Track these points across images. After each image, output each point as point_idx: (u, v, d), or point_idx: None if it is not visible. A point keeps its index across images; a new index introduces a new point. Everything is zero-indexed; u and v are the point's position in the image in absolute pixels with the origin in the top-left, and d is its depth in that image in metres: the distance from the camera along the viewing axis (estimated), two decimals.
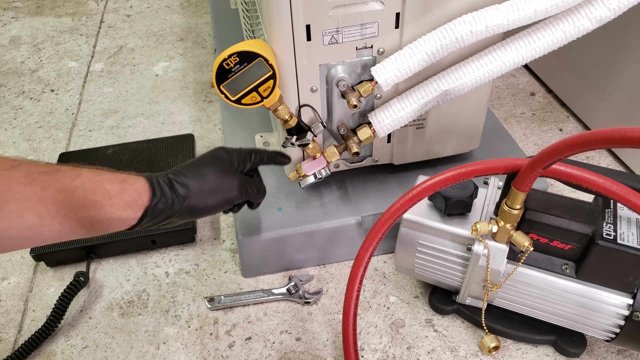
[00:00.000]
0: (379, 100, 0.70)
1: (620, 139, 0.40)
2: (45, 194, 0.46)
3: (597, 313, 0.60)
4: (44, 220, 0.45)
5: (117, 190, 0.49)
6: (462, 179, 0.57)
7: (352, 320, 0.63)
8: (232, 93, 0.62)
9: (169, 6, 1.54)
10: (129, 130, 1.10)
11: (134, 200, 0.50)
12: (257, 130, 0.90)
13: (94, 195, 0.48)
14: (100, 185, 0.48)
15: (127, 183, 0.51)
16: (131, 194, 0.50)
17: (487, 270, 0.62)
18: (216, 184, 0.57)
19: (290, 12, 0.59)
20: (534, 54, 0.62)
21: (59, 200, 0.46)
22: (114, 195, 0.49)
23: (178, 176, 0.55)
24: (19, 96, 1.21)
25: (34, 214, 0.45)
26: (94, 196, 0.48)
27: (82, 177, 0.48)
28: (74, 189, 0.47)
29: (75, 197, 0.47)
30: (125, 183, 0.50)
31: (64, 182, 0.47)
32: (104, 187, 0.49)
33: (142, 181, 0.52)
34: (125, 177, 0.51)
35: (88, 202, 0.47)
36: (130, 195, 0.50)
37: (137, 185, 0.51)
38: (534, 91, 1.15)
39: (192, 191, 0.55)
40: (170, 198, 0.53)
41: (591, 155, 0.98)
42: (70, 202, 0.47)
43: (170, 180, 0.54)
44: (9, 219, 0.44)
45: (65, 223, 0.47)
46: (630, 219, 0.59)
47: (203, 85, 1.22)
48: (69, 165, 0.49)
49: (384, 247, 0.82)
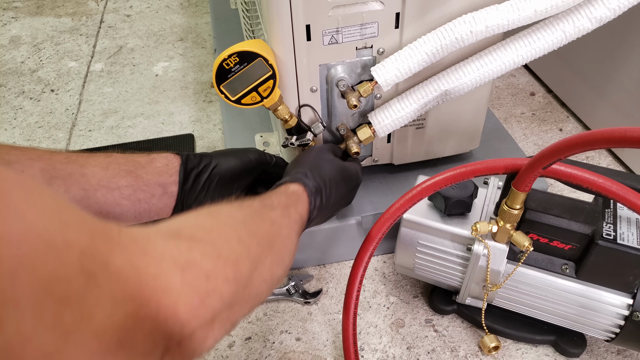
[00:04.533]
0: (379, 100, 0.70)
1: (620, 139, 0.40)
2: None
3: (597, 313, 0.60)
4: (89, 193, 0.51)
5: (147, 160, 0.56)
6: (462, 179, 0.58)
7: (352, 320, 0.63)
8: (232, 93, 0.62)
9: (169, 6, 1.54)
10: (129, 130, 1.10)
11: (165, 166, 0.56)
12: (257, 130, 0.90)
13: (127, 166, 0.54)
14: (131, 158, 0.55)
15: (155, 154, 0.57)
16: (161, 160, 0.56)
17: (487, 270, 0.62)
18: (228, 150, 0.65)
19: (290, 12, 0.59)
20: (534, 54, 0.62)
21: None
22: (145, 165, 0.55)
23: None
24: (19, 96, 1.21)
25: (78, 187, 0.50)
26: (128, 167, 0.54)
27: (114, 156, 0.54)
28: (108, 164, 0.53)
29: (111, 167, 0.53)
30: (153, 154, 0.57)
31: (99, 160, 0.53)
32: (135, 159, 0.55)
33: (169, 153, 0.58)
34: (153, 153, 0.58)
35: (123, 172, 0.53)
36: (160, 162, 0.56)
37: (165, 154, 0.58)
38: (534, 91, 1.15)
39: (214, 154, 0.62)
40: (199, 155, 0.60)
41: (591, 155, 0.98)
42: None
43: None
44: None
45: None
46: (630, 219, 0.59)
47: (203, 85, 1.22)
48: (98, 152, 0.55)
49: (384, 247, 0.82)
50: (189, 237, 0.34)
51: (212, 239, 0.36)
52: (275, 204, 0.49)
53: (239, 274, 0.36)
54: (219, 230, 0.38)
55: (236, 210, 0.43)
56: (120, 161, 0.54)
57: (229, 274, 0.35)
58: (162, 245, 0.31)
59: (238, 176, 0.61)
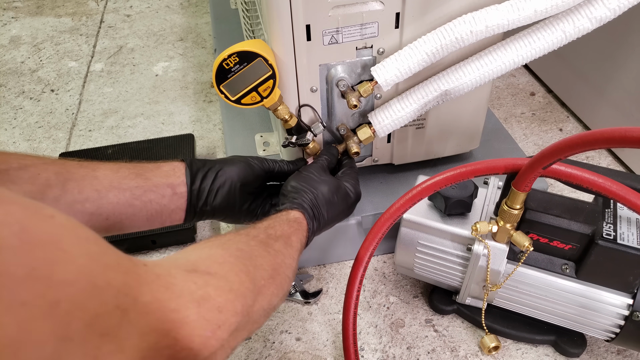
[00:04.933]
0: (379, 100, 0.70)
1: (620, 139, 0.40)
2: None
3: (597, 313, 0.60)
4: (101, 194, 0.53)
5: (154, 165, 0.58)
6: (462, 179, 0.58)
7: (352, 320, 0.63)
8: (232, 93, 0.62)
9: (169, 6, 1.54)
10: (129, 130, 1.10)
11: (172, 169, 0.59)
12: (257, 130, 0.90)
13: (136, 170, 0.56)
14: (138, 164, 0.58)
15: (160, 162, 0.60)
16: (167, 165, 0.59)
17: (487, 270, 0.62)
18: (230, 157, 0.67)
19: (290, 12, 0.59)
20: (534, 54, 0.62)
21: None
22: (153, 169, 0.58)
23: None
24: (19, 96, 1.21)
25: (91, 188, 0.52)
26: (137, 170, 0.56)
27: (123, 163, 0.57)
28: (118, 168, 0.56)
29: (121, 171, 0.56)
30: (160, 162, 0.60)
31: (109, 165, 0.56)
32: (143, 164, 0.58)
33: (173, 160, 0.61)
34: (158, 162, 0.60)
35: (132, 175, 0.56)
36: (167, 166, 0.59)
37: (171, 162, 0.60)
38: (534, 91, 1.15)
39: (218, 160, 0.64)
40: (203, 160, 0.62)
41: (591, 155, 0.98)
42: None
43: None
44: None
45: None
46: (630, 219, 0.58)
47: (203, 85, 1.22)
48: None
49: (384, 247, 0.82)
50: (204, 271, 0.38)
51: (224, 273, 0.40)
52: (279, 234, 0.53)
53: (246, 305, 0.40)
54: (231, 263, 0.42)
55: (244, 244, 0.47)
56: (129, 166, 0.57)
57: (238, 307, 0.39)
58: (181, 280, 0.35)
59: (244, 179, 0.62)
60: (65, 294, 0.24)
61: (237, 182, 0.62)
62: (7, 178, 0.47)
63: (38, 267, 0.23)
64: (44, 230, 0.25)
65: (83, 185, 0.52)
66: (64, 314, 0.24)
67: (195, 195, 0.60)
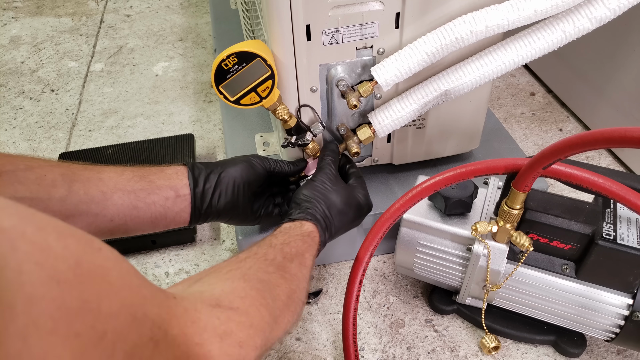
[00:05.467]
0: (379, 100, 0.70)
1: (620, 139, 0.40)
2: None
3: (597, 313, 0.60)
4: (106, 195, 0.54)
5: (157, 169, 0.60)
6: (462, 179, 0.58)
7: (352, 320, 0.63)
8: (231, 93, 0.62)
9: (169, 6, 1.54)
10: (129, 130, 1.10)
11: (175, 173, 0.60)
12: (257, 130, 0.90)
13: (139, 172, 0.58)
14: (142, 167, 0.59)
15: (165, 166, 0.61)
16: (170, 169, 0.60)
17: (487, 270, 0.62)
18: (231, 158, 0.67)
19: (290, 12, 0.59)
20: (534, 54, 0.62)
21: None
22: (157, 172, 0.59)
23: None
24: (19, 96, 1.21)
25: (96, 190, 0.54)
26: (140, 173, 0.58)
27: (127, 166, 0.58)
28: (123, 171, 0.57)
29: (126, 173, 0.57)
30: (164, 166, 0.61)
31: (114, 167, 0.57)
32: (146, 168, 0.59)
33: (177, 165, 0.62)
34: (162, 165, 0.61)
35: (137, 177, 0.57)
36: (169, 170, 0.60)
37: (174, 166, 0.61)
38: (534, 91, 1.15)
39: (219, 162, 0.65)
40: (206, 163, 0.62)
41: (591, 155, 0.98)
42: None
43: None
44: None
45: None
46: (630, 219, 0.58)
47: (203, 85, 1.22)
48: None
49: (384, 247, 0.82)
50: (227, 306, 0.40)
51: (246, 308, 0.42)
52: (294, 252, 0.54)
53: (264, 339, 0.42)
54: (252, 297, 0.44)
55: (264, 272, 0.49)
56: (133, 169, 0.58)
57: (257, 342, 0.41)
58: (206, 315, 0.37)
59: (247, 179, 0.63)
60: (110, 326, 0.26)
61: (241, 182, 0.62)
62: (14, 179, 0.48)
63: (89, 299, 0.25)
64: (94, 263, 0.27)
65: (88, 187, 0.53)
66: (110, 344, 0.25)
67: (199, 197, 0.60)
